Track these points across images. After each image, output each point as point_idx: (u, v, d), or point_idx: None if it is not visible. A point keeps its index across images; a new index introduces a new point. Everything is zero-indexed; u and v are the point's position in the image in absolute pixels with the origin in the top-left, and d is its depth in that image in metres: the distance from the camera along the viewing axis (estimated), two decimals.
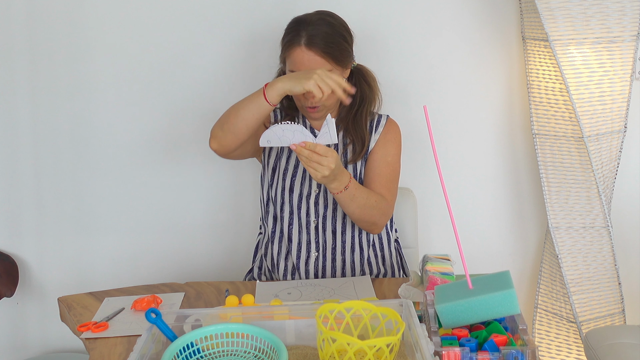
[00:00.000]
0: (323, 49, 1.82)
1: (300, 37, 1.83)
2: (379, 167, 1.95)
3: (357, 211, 1.85)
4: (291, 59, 1.84)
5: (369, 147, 1.96)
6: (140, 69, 2.31)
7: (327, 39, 1.83)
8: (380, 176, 1.94)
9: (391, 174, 1.96)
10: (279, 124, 1.67)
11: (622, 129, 2.22)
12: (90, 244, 2.41)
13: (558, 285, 2.30)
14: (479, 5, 2.30)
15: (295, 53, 1.83)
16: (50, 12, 2.26)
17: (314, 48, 1.81)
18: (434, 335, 1.28)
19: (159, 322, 1.30)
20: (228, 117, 1.82)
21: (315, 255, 1.95)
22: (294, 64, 1.84)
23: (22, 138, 2.35)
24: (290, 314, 1.38)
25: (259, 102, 1.76)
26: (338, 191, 1.78)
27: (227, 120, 1.82)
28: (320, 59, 1.82)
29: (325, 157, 1.67)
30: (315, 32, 1.82)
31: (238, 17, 2.28)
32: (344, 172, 1.77)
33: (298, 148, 1.66)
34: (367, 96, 1.97)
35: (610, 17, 2.07)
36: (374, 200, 1.86)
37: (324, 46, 1.82)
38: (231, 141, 1.83)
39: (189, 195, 2.39)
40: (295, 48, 1.83)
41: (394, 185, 1.96)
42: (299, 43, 1.82)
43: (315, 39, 1.81)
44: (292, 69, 1.85)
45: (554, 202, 2.25)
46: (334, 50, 1.83)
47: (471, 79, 2.35)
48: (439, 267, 1.62)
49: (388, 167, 1.95)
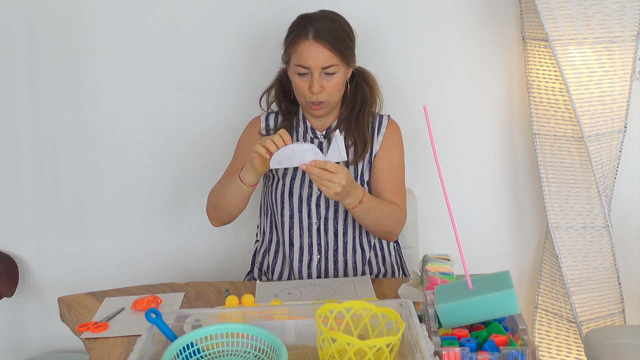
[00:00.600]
0: (331, 42, 1.83)
1: (307, 30, 1.83)
2: (387, 173, 1.95)
3: (373, 223, 1.86)
4: (298, 52, 1.84)
5: (373, 149, 1.96)
6: (140, 69, 2.31)
7: (334, 33, 1.84)
8: (390, 183, 1.95)
9: (399, 178, 1.97)
10: (288, 145, 1.68)
11: (622, 129, 2.22)
12: (90, 244, 2.41)
13: (558, 285, 2.29)
14: (479, 5, 2.30)
15: (302, 46, 1.83)
16: (50, 13, 2.26)
17: (322, 41, 1.82)
18: (434, 335, 1.28)
19: (159, 322, 1.30)
20: (217, 201, 1.91)
21: (318, 258, 1.95)
22: (300, 57, 1.84)
23: (22, 138, 2.35)
24: (290, 314, 1.38)
25: (239, 185, 1.81)
26: (353, 206, 1.79)
27: (217, 204, 1.91)
28: (328, 52, 1.83)
29: (335, 174, 1.67)
30: (322, 26, 1.84)
31: (239, 17, 2.28)
32: (357, 187, 1.78)
33: (308, 167, 1.67)
34: (368, 98, 1.97)
35: (610, 17, 2.07)
36: (388, 211, 1.87)
37: (332, 40, 1.83)
38: (229, 217, 1.94)
39: (189, 195, 2.39)
40: (302, 41, 1.83)
41: (402, 189, 1.98)
42: (306, 36, 1.83)
43: (323, 32, 1.83)
44: (299, 64, 1.84)
45: (554, 202, 2.25)
46: (341, 45, 1.85)
47: (471, 79, 2.35)
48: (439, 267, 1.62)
49: (396, 172, 1.97)
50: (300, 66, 1.84)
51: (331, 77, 1.85)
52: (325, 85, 1.85)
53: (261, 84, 2.08)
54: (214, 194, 1.93)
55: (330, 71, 1.84)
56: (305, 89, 1.86)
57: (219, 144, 2.31)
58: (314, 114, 1.94)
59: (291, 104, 2.00)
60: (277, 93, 2.01)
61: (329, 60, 1.83)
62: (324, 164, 1.67)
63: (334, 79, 1.86)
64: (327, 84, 1.85)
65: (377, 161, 1.96)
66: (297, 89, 1.89)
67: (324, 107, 1.90)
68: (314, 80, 1.84)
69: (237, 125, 2.18)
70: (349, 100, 1.97)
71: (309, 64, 1.83)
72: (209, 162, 2.34)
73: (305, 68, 1.84)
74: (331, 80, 1.85)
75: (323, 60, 1.83)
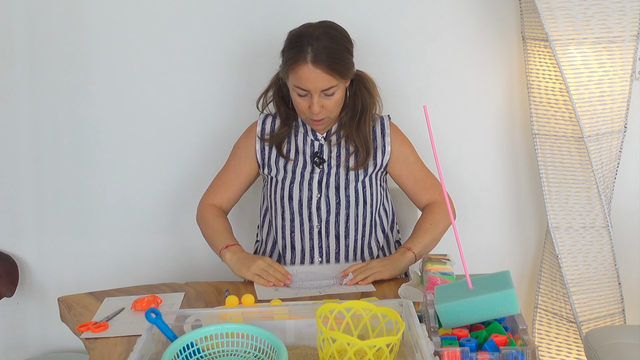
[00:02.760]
0: (329, 66, 1.80)
1: (305, 53, 1.80)
2: (411, 174, 2.00)
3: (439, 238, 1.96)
4: (297, 75, 1.82)
5: (385, 150, 1.96)
6: (140, 69, 2.31)
7: (332, 55, 1.81)
8: (421, 180, 2.00)
9: (423, 169, 2.01)
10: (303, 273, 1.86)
11: (622, 129, 2.22)
12: (90, 244, 2.41)
13: (558, 285, 2.29)
14: (479, 5, 2.30)
15: (301, 70, 1.81)
16: (50, 12, 2.26)
17: (321, 65, 1.80)
18: (434, 335, 1.28)
19: (159, 322, 1.30)
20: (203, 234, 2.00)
21: (319, 261, 1.95)
22: (299, 80, 1.82)
23: (22, 138, 2.35)
24: (290, 314, 1.39)
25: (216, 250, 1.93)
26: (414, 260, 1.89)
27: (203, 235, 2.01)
28: (327, 75, 1.81)
29: (364, 267, 1.81)
30: (320, 47, 1.81)
31: (238, 19, 2.28)
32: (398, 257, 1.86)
33: (353, 280, 1.79)
34: (368, 103, 1.96)
35: (610, 17, 2.07)
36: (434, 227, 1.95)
37: (330, 62, 1.80)
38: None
39: (189, 195, 2.39)
40: (301, 65, 1.81)
41: (431, 177, 2.02)
42: (305, 60, 1.80)
43: (321, 55, 1.80)
44: (298, 85, 1.83)
45: (554, 202, 2.25)
46: (339, 66, 1.83)
47: (471, 79, 2.35)
48: (439, 267, 1.62)
49: (417, 166, 2.00)
50: (300, 88, 1.84)
51: (331, 96, 1.85)
52: (325, 104, 1.85)
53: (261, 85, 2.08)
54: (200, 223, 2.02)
55: (329, 92, 1.83)
56: (305, 107, 1.86)
57: (219, 144, 2.31)
58: (315, 129, 1.95)
59: (290, 109, 1.99)
60: (275, 97, 1.99)
61: (328, 82, 1.82)
62: (350, 270, 1.81)
63: (334, 97, 1.85)
64: (328, 103, 1.85)
65: (395, 166, 1.98)
66: (297, 107, 1.89)
67: (324, 122, 1.91)
68: (313, 102, 1.83)
69: (237, 127, 2.18)
70: (348, 108, 1.96)
71: (309, 87, 1.82)
72: (208, 161, 2.34)
73: (305, 90, 1.83)
74: (331, 99, 1.85)
75: (322, 84, 1.81)
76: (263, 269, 1.79)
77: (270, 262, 1.81)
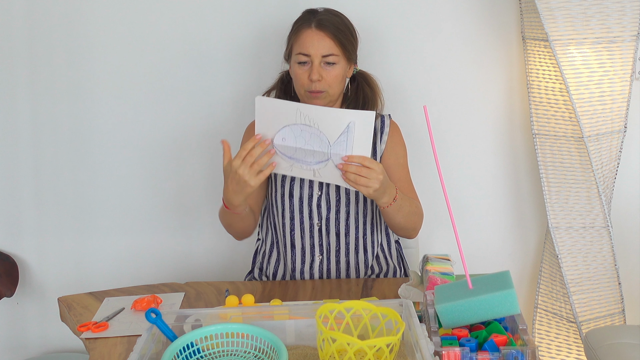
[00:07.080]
0: (333, 32, 1.85)
1: (310, 21, 1.86)
2: (397, 172, 1.97)
3: (403, 220, 1.84)
4: (300, 41, 1.86)
5: (377, 149, 1.96)
6: (140, 69, 2.31)
7: (337, 25, 1.87)
8: (403, 181, 1.97)
9: (408, 175, 2.00)
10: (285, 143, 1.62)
11: (622, 129, 2.22)
12: (90, 244, 2.41)
13: (558, 285, 2.30)
14: (479, 5, 2.30)
15: (305, 34, 1.85)
16: (50, 12, 2.26)
17: (324, 30, 1.84)
18: (434, 335, 1.28)
19: (159, 322, 1.30)
20: (226, 227, 1.89)
21: (320, 259, 1.95)
22: (302, 45, 1.85)
23: (22, 138, 2.35)
24: (290, 314, 1.38)
25: (230, 213, 1.78)
26: (388, 204, 1.76)
27: (227, 229, 1.90)
28: (330, 40, 1.84)
29: (372, 170, 1.64)
30: (326, 17, 1.87)
31: (241, 16, 2.28)
32: (390, 183, 1.77)
33: (345, 165, 1.62)
34: (370, 98, 1.97)
35: (610, 17, 2.07)
36: (415, 206, 1.88)
37: (334, 30, 1.85)
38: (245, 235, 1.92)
39: (189, 195, 2.39)
40: (305, 30, 1.85)
41: (411, 186, 2.00)
42: (309, 25, 1.86)
43: (325, 22, 1.85)
44: (300, 51, 1.85)
45: (554, 202, 2.25)
46: (342, 37, 1.86)
47: (471, 79, 2.35)
48: (439, 267, 1.62)
49: (404, 170, 1.99)
50: (301, 54, 1.85)
51: (331, 67, 1.85)
52: (324, 74, 1.85)
53: (263, 86, 2.08)
54: (221, 218, 1.89)
55: (330, 60, 1.85)
56: (304, 78, 1.86)
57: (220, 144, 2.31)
58: (313, 103, 1.92)
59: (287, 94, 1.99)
60: (279, 94, 2.01)
61: (329, 49, 1.84)
62: (361, 159, 1.61)
63: (334, 70, 1.86)
64: (327, 74, 1.85)
65: (386, 161, 1.97)
66: (296, 80, 1.89)
67: (322, 96, 1.87)
68: (313, 68, 1.84)
69: (239, 126, 2.17)
70: (350, 100, 1.97)
71: (310, 52, 1.84)
72: (209, 161, 2.34)
73: (306, 56, 1.85)
74: (331, 70, 1.85)
75: (324, 49, 1.84)
76: (236, 169, 1.64)
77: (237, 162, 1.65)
